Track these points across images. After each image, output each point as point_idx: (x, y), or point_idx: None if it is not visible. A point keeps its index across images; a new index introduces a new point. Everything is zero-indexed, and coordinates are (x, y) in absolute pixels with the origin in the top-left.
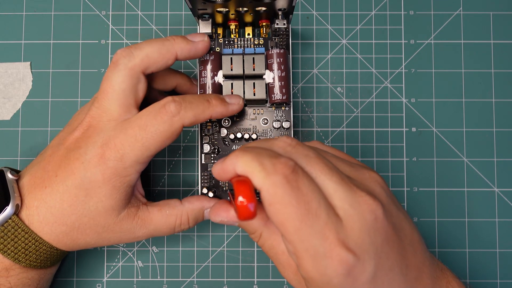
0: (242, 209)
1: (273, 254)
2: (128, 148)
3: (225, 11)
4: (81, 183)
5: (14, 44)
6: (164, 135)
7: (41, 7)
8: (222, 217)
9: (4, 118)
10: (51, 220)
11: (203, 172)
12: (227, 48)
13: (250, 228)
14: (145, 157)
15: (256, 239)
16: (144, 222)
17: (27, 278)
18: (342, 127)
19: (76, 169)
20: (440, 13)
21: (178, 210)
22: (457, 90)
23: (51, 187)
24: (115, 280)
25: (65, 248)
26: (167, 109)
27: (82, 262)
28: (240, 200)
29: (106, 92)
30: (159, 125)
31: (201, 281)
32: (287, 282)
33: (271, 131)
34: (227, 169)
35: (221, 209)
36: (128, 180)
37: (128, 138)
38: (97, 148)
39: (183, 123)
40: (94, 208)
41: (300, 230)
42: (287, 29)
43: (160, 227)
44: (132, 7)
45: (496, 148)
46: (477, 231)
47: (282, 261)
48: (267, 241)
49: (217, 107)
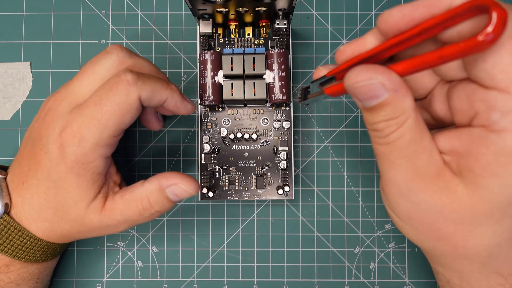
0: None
1: (411, 151)
2: (84, 130)
3: (225, 11)
4: (48, 175)
5: (14, 44)
6: (121, 107)
7: (41, 7)
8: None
9: (4, 118)
10: (34, 216)
11: (203, 172)
12: (227, 48)
13: (397, 109)
14: (105, 137)
15: (394, 127)
16: (110, 213)
17: (27, 273)
18: (342, 127)
19: (42, 161)
20: None
21: (138, 193)
22: None
23: (27, 182)
24: (115, 280)
25: (59, 241)
26: (122, 78)
27: (82, 262)
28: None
29: (84, 73)
30: (114, 96)
31: (201, 281)
32: (287, 282)
33: (271, 131)
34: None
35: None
36: (93, 166)
37: (84, 118)
38: (56, 136)
39: (140, 94)
40: (64, 200)
41: None
42: (287, 29)
43: (128, 216)
44: (132, 7)
45: None
46: None
47: (423, 160)
48: (410, 132)
49: (175, 93)
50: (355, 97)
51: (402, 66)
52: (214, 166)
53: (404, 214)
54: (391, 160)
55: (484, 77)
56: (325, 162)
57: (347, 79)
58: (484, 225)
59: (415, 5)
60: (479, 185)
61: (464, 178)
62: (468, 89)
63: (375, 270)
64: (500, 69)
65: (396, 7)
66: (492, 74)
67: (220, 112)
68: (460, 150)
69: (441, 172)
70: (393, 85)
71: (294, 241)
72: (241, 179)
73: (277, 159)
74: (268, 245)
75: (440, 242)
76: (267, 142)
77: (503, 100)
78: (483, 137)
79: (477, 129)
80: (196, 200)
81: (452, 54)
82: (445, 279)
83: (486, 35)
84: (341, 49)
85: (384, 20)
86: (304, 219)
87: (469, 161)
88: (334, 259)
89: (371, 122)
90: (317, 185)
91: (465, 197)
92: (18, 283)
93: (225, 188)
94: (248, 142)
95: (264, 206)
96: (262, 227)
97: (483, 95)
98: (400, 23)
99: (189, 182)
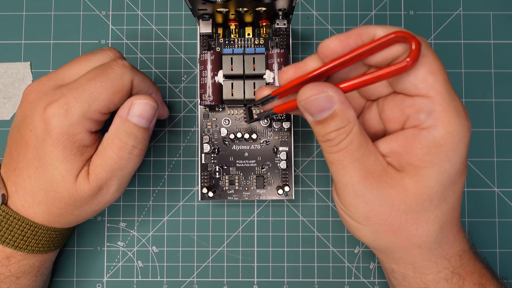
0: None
1: (361, 154)
2: (73, 101)
3: (225, 11)
4: (36, 153)
5: (14, 44)
6: (114, 84)
7: (41, 7)
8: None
9: (4, 118)
10: (30, 201)
11: (203, 172)
12: (227, 48)
13: (344, 118)
14: (92, 110)
15: (343, 135)
16: (94, 174)
17: (28, 266)
18: None
19: (29, 139)
20: (440, 13)
21: (106, 139)
22: (457, 90)
23: (18, 168)
24: (115, 280)
25: (60, 225)
26: (119, 62)
27: (82, 262)
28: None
29: (78, 60)
30: (109, 75)
31: (201, 281)
32: (287, 282)
33: (271, 131)
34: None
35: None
36: (79, 139)
37: (74, 91)
38: (40, 110)
39: (133, 78)
40: (53, 178)
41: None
42: (287, 29)
43: (110, 167)
44: (132, 7)
45: (496, 148)
46: (477, 231)
47: (371, 161)
48: (357, 138)
49: (159, 93)
50: (308, 111)
51: (346, 84)
52: (214, 166)
53: (362, 216)
54: (345, 164)
55: (409, 88)
56: (325, 162)
57: (301, 95)
58: (428, 211)
59: (349, 34)
60: (419, 175)
61: (407, 172)
62: (396, 100)
63: (375, 270)
64: (420, 80)
65: (334, 36)
66: (415, 85)
67: (220, 112)
68: (399, 150)
69: (387, 169)
70: (341, 98)
71: (294, 241)
72: (241, 179)
73: (277, 159)
74: (268, 245)
75: (395, 235)
76: (267, 142)
77: (426, 103)
78: (415, 135)
79: (410, 130)
80: (196, 200)
81: (386, 75)
82: (401, 275)
83: (410, 60)
84: (284, 69)
85: (325, 46)
86: (304, 219)
87: (408, 157)
88: (334, 259)
89: (323, 134)
90: (317, 185)
91: (410, 187)
92: (18, 276)
93: (225, 188)
94: (248, 142)
95: (264, 206)
96: (262, 227)
97: (410, 101)
98: (337, 48)
99: (143, 97)
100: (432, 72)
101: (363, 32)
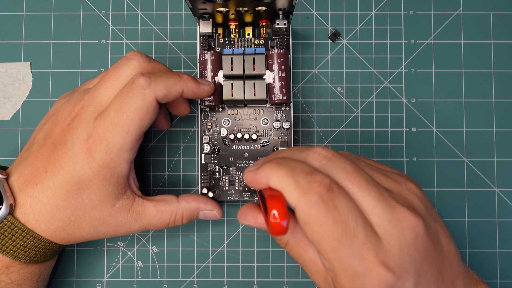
0: (274, 226)
1: (301, 261)
2: (110, 136)
3: (225, 11)
4: (71, 178)
5: (14, 44)
6: (139, 111)
7: (41, 7)
8: (249, 221)
9: (4, 118)
10: (46, 217)
11: (203, 172)
12: (227, 48)
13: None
14: (128, 142)
15: (282, 245)
16: (138, 215)
17: (28, 273)
18: (342, 127)
19: (65, 164)
20: (440, 13)
21: (174, 207)
22: (457, 90)
23: (42, 183)
24: (115, 280)
25: (63, 242)
26: (136, 84)
27: (82, 262)
28: (273, 216)
29: (108, 80)
30: (132, 102)
31: (201, 281)
32: (287, 282)
33: (271, 131)
34: (259, 181)
35: (249, 214)
36: (118, 171)
37: (108, 125)
38: (83, 141)
39: (156, 95)
40: (88, 200)
41: (337, 249)
42: (287, 29)
43: (154, 222)
44: (132, 7)
45: (496, 148)
46: (477, 231)
47: (311, 268)
48: (294, 249)
49: (189, 82)
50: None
51: None
52: (214, 166)
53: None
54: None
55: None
56: None
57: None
58: None
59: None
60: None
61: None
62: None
63: None
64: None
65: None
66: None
67: (220, 112)
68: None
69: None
70: (262, 225)
71: None
72: (241, 179)
73: None
74: (268, 245)
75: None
76: (267, 142)
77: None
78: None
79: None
80: None
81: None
82: None
83: (279, 219)
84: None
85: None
86: None
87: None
88: None
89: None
90: None
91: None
92: (20, 283)
93: (225, 188)
94: (248, 142)
95: None
96: None
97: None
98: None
99: (219, 210)
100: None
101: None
